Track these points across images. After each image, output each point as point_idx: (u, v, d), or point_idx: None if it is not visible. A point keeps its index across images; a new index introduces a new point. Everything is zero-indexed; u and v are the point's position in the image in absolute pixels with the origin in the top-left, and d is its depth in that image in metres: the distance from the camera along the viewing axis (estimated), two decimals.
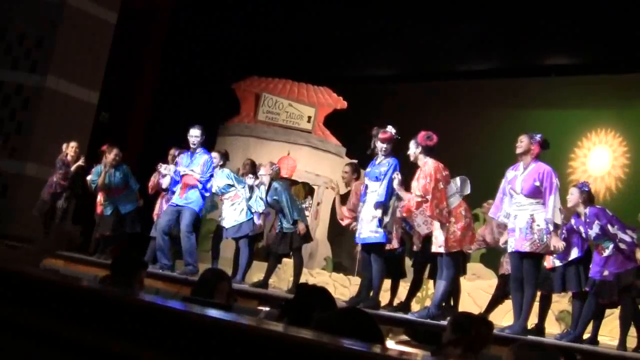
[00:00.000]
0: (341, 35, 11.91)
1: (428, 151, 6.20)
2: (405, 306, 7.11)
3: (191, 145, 7.66)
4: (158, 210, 8.60)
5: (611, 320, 6.66)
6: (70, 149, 9.08)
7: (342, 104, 12.51)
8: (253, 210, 7.99)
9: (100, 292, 1.79)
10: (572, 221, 6.34)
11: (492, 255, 8.53)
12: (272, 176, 7.81)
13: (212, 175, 7.73)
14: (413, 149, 6.24)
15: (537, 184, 5.70)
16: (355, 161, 7.58)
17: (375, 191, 6.49)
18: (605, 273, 6.08)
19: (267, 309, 5.00)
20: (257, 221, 8.03)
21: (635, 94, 10.21)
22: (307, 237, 7.85)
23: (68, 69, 10.42)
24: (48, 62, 10.29)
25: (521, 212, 5.77)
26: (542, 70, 11.46)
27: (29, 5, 10.28)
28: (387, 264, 6.71)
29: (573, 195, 6.31)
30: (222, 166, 8.18)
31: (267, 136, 12.06)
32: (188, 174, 7.62)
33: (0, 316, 1.69)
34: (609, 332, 6.85)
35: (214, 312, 1.63)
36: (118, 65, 11.40)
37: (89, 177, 8.79)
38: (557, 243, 5.70)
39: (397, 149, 6.66)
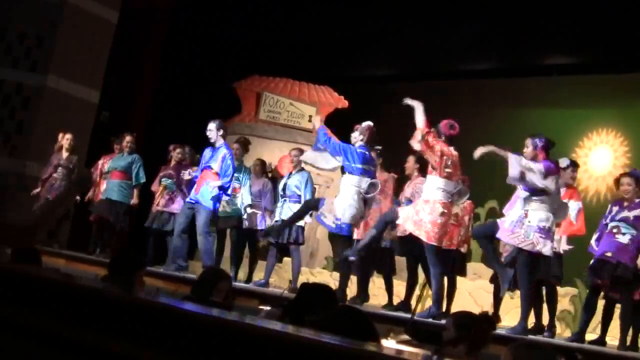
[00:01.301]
0: (341, 35, 11.90)
1: (450, 141, 6.26)
2: (405, 305, 7.13)
3: (210, 140, 7.67)
4: (157, 204, 8.66)
5: (612, 320, 6.64)
6: (65, 140, 9.11)
7: (343, 103, 12.50)
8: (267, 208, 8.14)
9: (100, 291, 1.79)
10: (609, 206, 6.31)
11: None
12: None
13: (233, 172, 7.68)
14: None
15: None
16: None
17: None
18: (609, 254, 6.02)
19: (268, 308, 4.99)
20: (261, 219, 8.17)
21: (636, 93, 10.19)
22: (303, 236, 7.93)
23: (68, 68, 10.41)
24: (48, 62, 10.28)
25: (519, 209, 5.89)
26: (542, 70, 11.44)
27: (29, 5, 10.27)
28: (377, 260, 6.87)
29: (630, 187, 6.15)
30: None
31: (268, 135, 12.05)
32: (205, 169, 7.61)
33: (0, 316, 1.69)
34: (609, 332, 6.84)
35: (213, 312, 1.63)
36: (118, 65, 11.40)
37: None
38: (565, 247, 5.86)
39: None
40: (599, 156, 10.70)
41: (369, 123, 6.78)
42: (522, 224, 5.76)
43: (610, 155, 10.59)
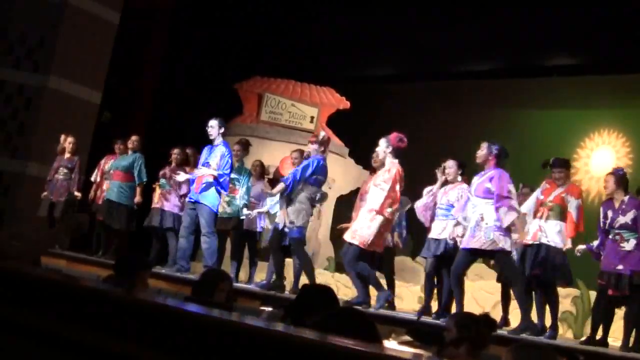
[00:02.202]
0: (342, 35, 11.90)
1: (397, 153, 6.38)
2: (426, 309, 7.10)
3: (209, 137, 7.69)
4: (153, 203, 8.67)
5: (615, 321, 6.63)
6: (68, 144, 9.14)
7: (344, 104, 12.50)
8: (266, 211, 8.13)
9: (101, 292, 1.79)
10: (601, 209, 6.33)
11: None
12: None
13: (230, 170, 7.69)
14: (383, 147, 6.49)
15: (488, 185, 5.98)
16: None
17: None
18: (620, 267, 6.02)
19: (270, 309, 5.00)
20: (263, 223, 8.20)
21: (637, 94, 10.17)
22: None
23: (70, 69, 10.42)
24: (50, 62, 10.28)
25: (474, 214, 6.05)
26: (544, 71, 11.43)
27: (30, 5, 10.27)
28: (378, 260, 6.95)
29: (609, 182, 6.29)
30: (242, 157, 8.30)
31: (269, 136, 12.04)
32: (204, 167, 7.63)
33: (0, 316, 1.68)
34: (612, 333, 6.83)
35: (214, 312, 1.62)
36: (119, 65, 11.40)
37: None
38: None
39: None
40: (601, 157, 10.69)
41: (325, 134, 7.27)
42: (480, 227, 5.92)
43: (612, 156, 10.58)
